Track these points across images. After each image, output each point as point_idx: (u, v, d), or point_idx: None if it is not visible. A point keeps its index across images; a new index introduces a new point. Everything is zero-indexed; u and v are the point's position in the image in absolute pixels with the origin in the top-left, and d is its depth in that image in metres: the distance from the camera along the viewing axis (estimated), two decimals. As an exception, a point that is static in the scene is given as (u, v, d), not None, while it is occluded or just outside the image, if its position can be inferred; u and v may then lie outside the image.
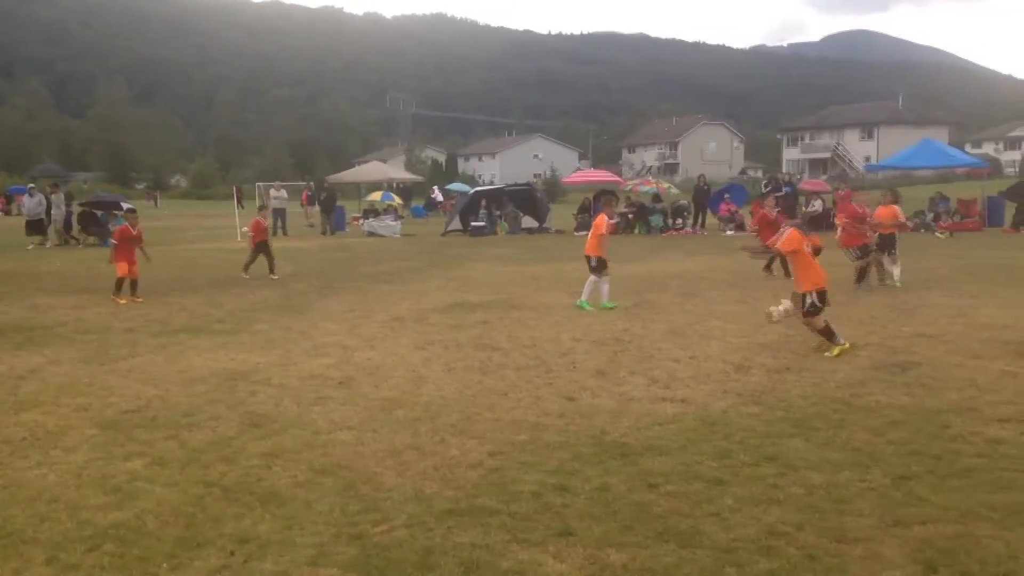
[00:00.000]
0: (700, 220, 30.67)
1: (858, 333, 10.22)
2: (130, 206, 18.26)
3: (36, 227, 26.73)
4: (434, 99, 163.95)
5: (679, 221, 30.42)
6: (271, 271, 17.11)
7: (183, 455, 6.15)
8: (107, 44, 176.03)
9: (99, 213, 27.22)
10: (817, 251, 9.46)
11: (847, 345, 9.16)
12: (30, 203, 27.40)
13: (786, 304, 9.62)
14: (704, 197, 30.99)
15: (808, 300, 9.14)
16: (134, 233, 14.34)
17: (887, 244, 14.47)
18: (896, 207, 14.69)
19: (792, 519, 4.85)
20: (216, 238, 29.82)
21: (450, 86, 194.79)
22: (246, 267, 17.26)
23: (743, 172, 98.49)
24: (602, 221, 12.91)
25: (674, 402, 7.38)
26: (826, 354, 9.01)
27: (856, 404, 7.22)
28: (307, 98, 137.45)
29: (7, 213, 50.41)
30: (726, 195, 31.63)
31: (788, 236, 9.42)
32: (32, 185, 32.79)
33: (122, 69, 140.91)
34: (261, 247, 17.26)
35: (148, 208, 60.30)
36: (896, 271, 14.56)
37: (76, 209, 27.75)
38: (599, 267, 12.73)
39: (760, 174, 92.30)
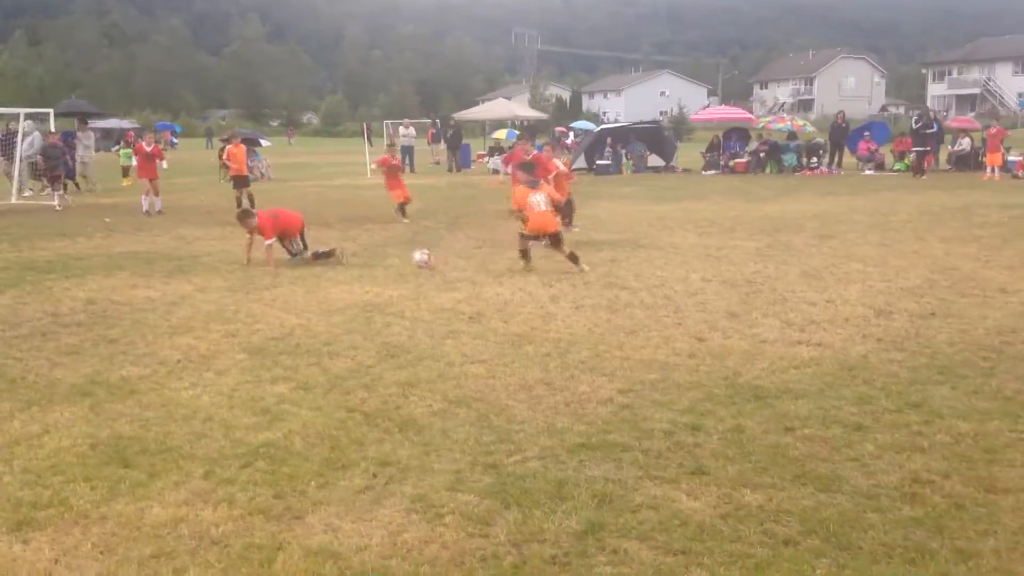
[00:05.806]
0: (837, 159, 29.43)
1: (1010, 279, 9.70)
2: (267, 141, 18.33)
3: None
4: (560, 35, 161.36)
5: (814, 160, 29.23)
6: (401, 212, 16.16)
7: (325, 381, 6.42)
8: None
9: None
10: None
11: None
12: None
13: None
14: (842, 135, 29.67)
15: None
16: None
17: None
18: None
19: (938, 467, 4.69)
20: (347, 174, 30.66)
21: (576, 21, 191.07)
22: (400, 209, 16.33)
23: (884, 109, 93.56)
24: None
25: (810, 346, 7.19)
26: None
27: (1008, 352, 6.87)
28: (432, 35, 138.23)
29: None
30: (865, 133, 30.14)
31: None
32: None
33: (255, 7, 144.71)
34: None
35: (283, 145, 62.36)
36: None
37: (218, 145, 28.91)
38: None
39: (903, 111, 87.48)
